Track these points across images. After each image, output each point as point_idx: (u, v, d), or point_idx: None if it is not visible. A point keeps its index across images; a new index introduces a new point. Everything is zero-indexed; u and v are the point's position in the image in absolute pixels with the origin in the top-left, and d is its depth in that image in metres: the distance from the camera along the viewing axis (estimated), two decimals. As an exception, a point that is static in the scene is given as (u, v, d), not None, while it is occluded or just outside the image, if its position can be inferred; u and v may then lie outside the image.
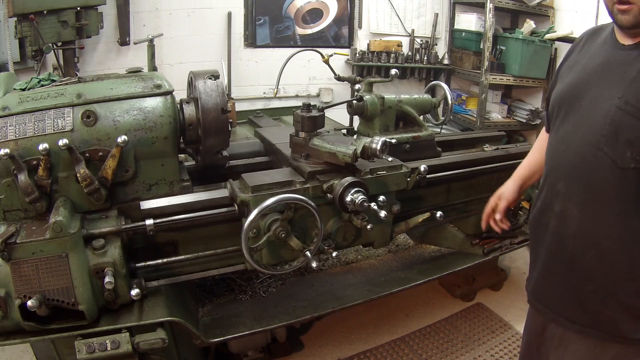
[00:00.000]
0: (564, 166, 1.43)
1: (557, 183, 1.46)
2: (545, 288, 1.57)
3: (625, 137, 1.26)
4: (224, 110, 2.06)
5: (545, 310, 1.57)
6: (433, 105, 2.79)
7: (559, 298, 1.51)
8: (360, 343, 2.84)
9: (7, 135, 1.75)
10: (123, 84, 1.95)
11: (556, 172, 1.47)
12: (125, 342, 1.71)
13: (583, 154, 1.36)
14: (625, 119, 1.25)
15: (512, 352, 2.78)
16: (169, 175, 2.01)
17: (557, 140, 1.48)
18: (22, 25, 3.31)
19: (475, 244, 2.92)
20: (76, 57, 3.85)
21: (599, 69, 1.37)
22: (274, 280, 2.58)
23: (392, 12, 4.90)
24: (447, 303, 3.22)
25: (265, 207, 1.79)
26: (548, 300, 1.56)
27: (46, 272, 1.64)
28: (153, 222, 1.85)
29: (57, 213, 1.69)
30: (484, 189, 2.81)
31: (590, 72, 1.40)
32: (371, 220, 2.06)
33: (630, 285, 1.34)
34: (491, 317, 3.09)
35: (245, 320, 2.23)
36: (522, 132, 4.73)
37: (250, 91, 4.72)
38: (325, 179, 2.03)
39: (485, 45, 4.31)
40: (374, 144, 1.97)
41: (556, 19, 4.40)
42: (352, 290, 2.52)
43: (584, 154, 1.36)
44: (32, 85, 1.97)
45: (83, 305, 1.69)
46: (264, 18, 4.60)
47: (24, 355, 2.61)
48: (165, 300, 1.91)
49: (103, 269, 1.73)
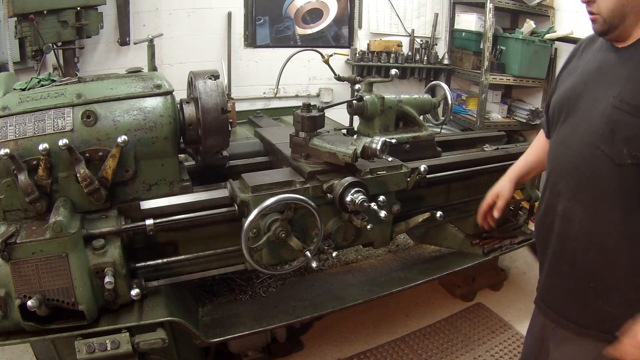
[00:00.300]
0: (564, 167, 1.45)
1: (558, 184, 1.48)
2: (550, 289, 1.59)
3: (621, 135, 1.29)
4: (224, 110, 2.06)
5: (548, 310, 1.58)
6: (433, 105, 2.79)
7: (561, 299, 1.53)
8: (360, 343, 2.84)
9: (7, 135, 1.75)
10: (123, 84, 1.95)
11: (557, 173, 1.49)
12: (125, 342, 1.71)
13: (582, 153, 1.38)
14: (622, 116, 1.28)
15: (512, 352, 2.78)
16: (169, 175, 2.01)
17: (557, 142, 1.51)
18: (22, 25, 3.31)
19: (475, 244, 2.91)
20: (76, 57, 3.85)
21: (595, 71, 1.41)
22: (274, 280, 2.58)
23: (392, 12, 4.90)
24: (447, 303, 3.22)
25: (265, 207, 1.79)
26: (551, 301, 1.58)
27: (46, 272, 1.64)
28: (153, 222, 1.85)
29: (57, 213, 1.69)
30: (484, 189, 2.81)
31: (587, 75, 1.43)
32: (371, 220, 2.06)
33: (633, 280, 1.35)
34: (491, 317, 3.09)
35: (245, 320, 2.23)
36: (522, 132, 4.73)
37: (250, 91, 4.72)
38: (325, 179, 2.03)
39: (485, 45, 4.31)
40: (374, 144, 1.97)
41: (556, 19, 4.40)
42: (352, 290, 2.52)
43: (583, 153, 1.38)
44: (32, 85, 1.97)
45: (83, 305, 1.69)
46: (264, 18, 4.60)
47: (24, 355, 2.60)
48: (165, 300, 1.91)
49: (103, 269, 1.73)
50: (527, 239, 3.01)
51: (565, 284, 1.50)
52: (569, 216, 1.43)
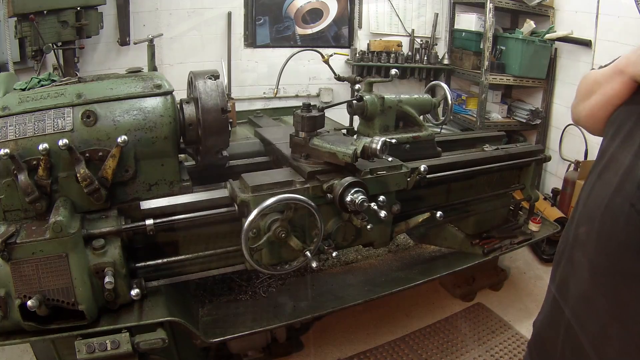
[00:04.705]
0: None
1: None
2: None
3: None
4: (224, 110, 2.06)
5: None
6: (433, 105, 2.79)
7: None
8: (360, 343, 2.84)
9: (7, 135, 1.75)
10: (123, 84, 1.95)
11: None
12: (125, 342, 1.71)
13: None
14: None
15: (512, 352, 2.78)
16: (169, 175, 2.01)
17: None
18: (22, 25, 3.31)
19: (475, 244, 2.91)
20: (76, 57, 3.85)
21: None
22: (274, 280, 2.58)
23: (392, 12, 4.90)
24: (447, 303, 3.22)
25: (265, 207, 1.79)
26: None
27: (46, 272, 1.64)
28: (153, 222, 1.85)
29: (57, 213, 1.69)
30: (484, 189, 2.82)
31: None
32: (371, 220, 2.06)
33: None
34: (491, 317, 3.09)
35: (245, 320, 2.23)
36: (522, 132, 4.73)
37: (250, 91, 4.72)
38: (325, 179, 2.03)
39: (485, 45, 4.31)
40: (374, 144, 1.97)
41: (556, 19, 4.40)
42: (352, 290, 2.52)
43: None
44: (32, 85, 1.97)
45: (83, 305, 1.69)
46: (264, 18, 4.60)
47: (24, 355, 2.60)
48: (165, 300, 1.91)
49: (103, 269, 1.73)
50: (527, 239, 3.01)
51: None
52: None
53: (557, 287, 1.17)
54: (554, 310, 1.16)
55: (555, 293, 1.16)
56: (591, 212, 1.06)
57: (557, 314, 1.14)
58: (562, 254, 1.17)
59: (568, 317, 1.09)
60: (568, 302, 1.11)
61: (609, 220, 0.98)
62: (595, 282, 1.02)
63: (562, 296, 1.14)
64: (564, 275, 1.14)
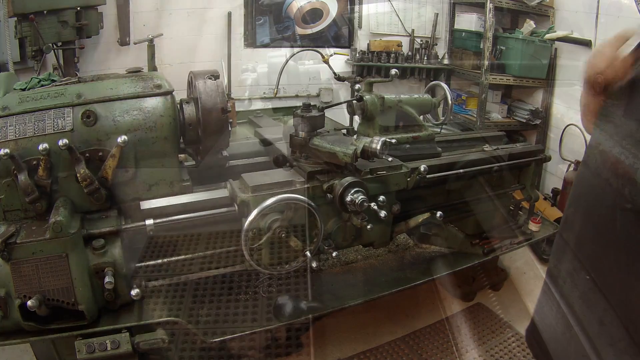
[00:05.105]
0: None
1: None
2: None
3: None
4: (224, 110, 2.06)
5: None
6: (433, 105, 2.79)
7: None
8: (360, 343, 2.84)
9: (7, 135, 1.75)
10: (123, 84, 1.95)
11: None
12: (125, 342, 1.71)
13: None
14: None
15: (512, 352, 2.77)
16: (169, 175, 2.01)
17: None
18: (22, 25, 3.31)
19: (475, 244, 2.91)
20: (76, 57, 3.85)
21: None
22: (274, 280, 2.58)
23: (392, 12, 4.90)
24: (447, 303, 3.22)
25: (265, 207, 1.79)
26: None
27: (46, 272, 1.64)
28: (153, 222, 1.85)
29: (57, 213, 1.69)
30: (484, 189, 2.81)
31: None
32: (371, 220, 2.06)
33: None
34: (491, 317, 3.09)
35: (245, 320, 2.23)
36: (522, 132, 4.73)
37: (250, 91, 4.72)
38: (325, 179, 2.03)
39: (485, 45, 4.31)
40: (374, 144, 1.97)
41: (556, 19, 4.40)
42: (352, 290, 2.52)
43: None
44: (32, 85, 1.97)
45: (83, 305, 1.69)
46: (264, 18, 4.60)
47: (24, 355, 2.60)
48: (165, 300, 1.91)
49: (103, 269, 1.73)
50: (527, 239, 3.01)
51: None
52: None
53: (549, 269, 1.25)
54: (548, 290, 1.24)
55: (547, 276, 1.24)
56: (578, 194, 1.17)
57: (550, 293, 1.21)
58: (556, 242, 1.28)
59: (558, 295, 1.17)
60: (558, 280, 1.18)
61: (592, 198, 1.08)
62: (580, 257, 1.10)
63: (553, 278, 1.21)
64: (556, 257, 1.24)
